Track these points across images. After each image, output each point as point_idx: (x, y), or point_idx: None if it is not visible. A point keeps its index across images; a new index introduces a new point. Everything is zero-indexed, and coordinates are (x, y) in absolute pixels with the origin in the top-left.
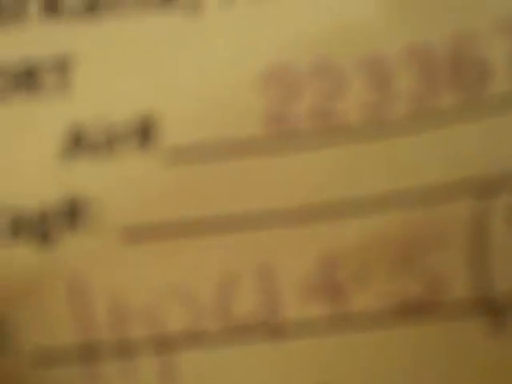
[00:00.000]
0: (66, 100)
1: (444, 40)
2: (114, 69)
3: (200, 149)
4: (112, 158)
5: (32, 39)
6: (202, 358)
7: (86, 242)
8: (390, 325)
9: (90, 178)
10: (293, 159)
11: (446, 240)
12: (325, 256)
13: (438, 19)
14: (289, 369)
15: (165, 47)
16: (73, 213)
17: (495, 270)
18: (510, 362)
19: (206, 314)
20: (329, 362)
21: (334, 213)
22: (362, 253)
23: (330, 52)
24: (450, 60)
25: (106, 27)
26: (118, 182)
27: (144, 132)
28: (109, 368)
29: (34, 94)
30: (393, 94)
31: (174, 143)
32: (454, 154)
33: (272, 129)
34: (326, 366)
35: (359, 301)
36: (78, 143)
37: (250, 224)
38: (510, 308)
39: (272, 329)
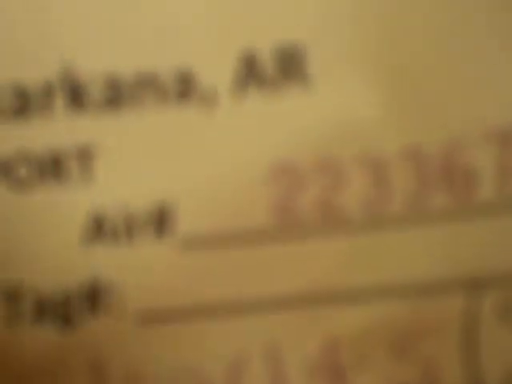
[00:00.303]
0: (89, 188)
1: (436, 145)
2: (132, 159)
3: (212, 237)
4: (130, 245)
5: (58, 130)
6: None
7: (105, 324)
8: None
9: (109, 263)
10: (297, 248)
11: (439, 330)
12: (327, 339)
13: (431, 125)
14: None
15: (180, 140)
16: (93, 296)
17: (485, 360)
18: None
19: None
20: None
21: (336, 299)
22: (361, 338)
23: (332, 149)
24: (442, 164)
25: (126, 120)
26: (135, 268)
27: (160, 220)
28: None
29: (58, 182)
30: (389, 190)
31: (188, 231)
32: (446, 252)
33: (279, 219)
34: None
35: (360, 383)
36: (99, 230)
37: (259, 308)
38: None
39: None
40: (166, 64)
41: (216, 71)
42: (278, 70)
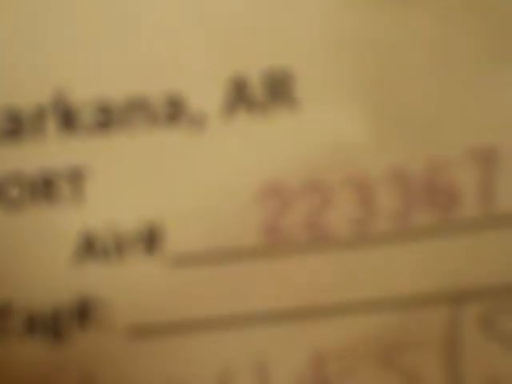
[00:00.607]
0: (80, 208)
1: (420, 165)
2: (123, 180)
3: (201, 254)
4: (120, 262)
5: (50, 152)
6: None
7: (95, 339)
8: None
9: (100, 280)
10: (286, 265)
11: (424, 342)
12: (314, 353)
13: (415, 146)
14: None
15: (170, 161)
16: (83, 312)
17: (467, 370)
18: None
19: None
20: None
21: (323, 314)
22: (348, 351)
23: (319, 170)
24: (426, 183)
25: (117, 142)
26: (125, 284)
27: (150, 239)
28: None
29: (50, 203)
30: (375, 209)
31: (177, 249)
32: (430, 267)
33: (267, 238)
34: None
35: None
36: (89, 248)
37: (247, 322)
38: None
39: None
40: (156, 88)
41: (205, 95)
42: (267, 93)
